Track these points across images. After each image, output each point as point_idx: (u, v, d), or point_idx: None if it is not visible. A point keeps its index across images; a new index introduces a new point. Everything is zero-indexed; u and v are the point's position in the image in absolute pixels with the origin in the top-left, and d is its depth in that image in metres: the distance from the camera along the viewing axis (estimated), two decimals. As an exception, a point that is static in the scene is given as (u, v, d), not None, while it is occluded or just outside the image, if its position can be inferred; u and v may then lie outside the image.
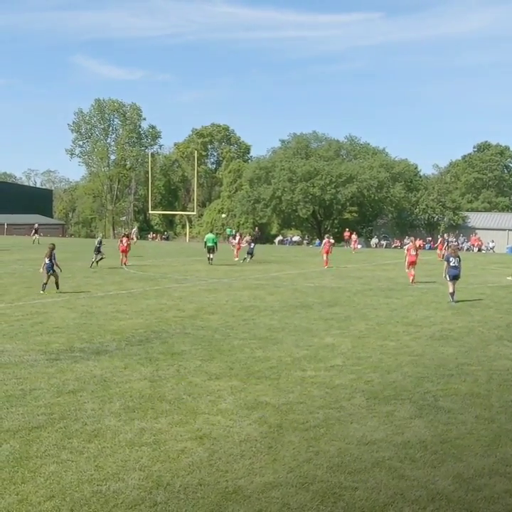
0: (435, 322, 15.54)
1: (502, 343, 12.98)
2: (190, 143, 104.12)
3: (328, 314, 16.46)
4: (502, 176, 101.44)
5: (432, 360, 11.20)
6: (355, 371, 10.34)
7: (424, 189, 78.54)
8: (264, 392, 8.99)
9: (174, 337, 12.96)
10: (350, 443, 7.01)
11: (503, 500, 5.61)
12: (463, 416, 8.04)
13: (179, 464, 6.33)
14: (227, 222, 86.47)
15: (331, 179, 73.51)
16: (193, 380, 9.64)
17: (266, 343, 12.48)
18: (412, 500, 5.58)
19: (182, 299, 19.16)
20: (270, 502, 5.53)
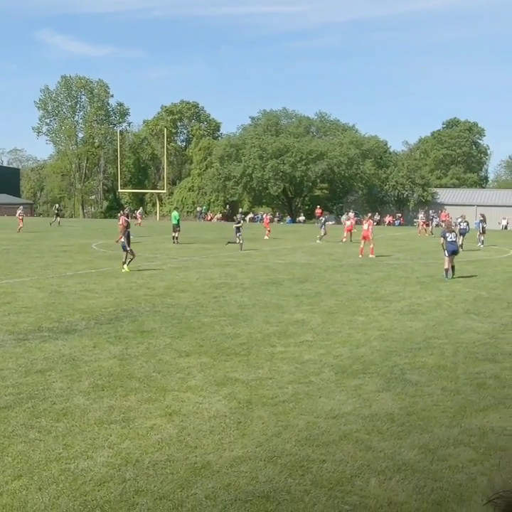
0: (404, 297, 15.71)
1: (469, 316, 13.18)
2: (159, 120, 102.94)
3: (299, 290, 16.54)
4: (470, 152, 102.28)
5: (400, 335, 11.34)
6: (324, 346, 10.42)
7: (394, 166, 78.91)
8: (233, 369, 9.02)
9: (144, 315, 12.92)
10: (319, 416, 7.09)
11: (466, 469, 5.73)
12: (429, 388, 8.16)
13: (148, 441, 6.34)
14: (198, 200, 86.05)
15: (301, 156, 73.44)
16: (162, 357, 9.63)
17: (236, 320, 12.50)
18: (378, 471, 5.67)
19: (152, 277, 19.08)
20: (239, 476, 5.57)
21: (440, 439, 6.42)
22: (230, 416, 7.09)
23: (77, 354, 9.77)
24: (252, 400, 7.63)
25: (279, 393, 7.92)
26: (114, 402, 7.55)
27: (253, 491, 5.30)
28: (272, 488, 5.35)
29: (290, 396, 7.80)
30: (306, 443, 6.32)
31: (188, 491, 5.27)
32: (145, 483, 5.43)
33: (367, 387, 8.21)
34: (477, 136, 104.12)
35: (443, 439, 6.42)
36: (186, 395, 7.84)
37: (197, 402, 7.54)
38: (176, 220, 34.01)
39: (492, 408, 7.39)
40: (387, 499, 5.15)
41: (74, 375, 8.67)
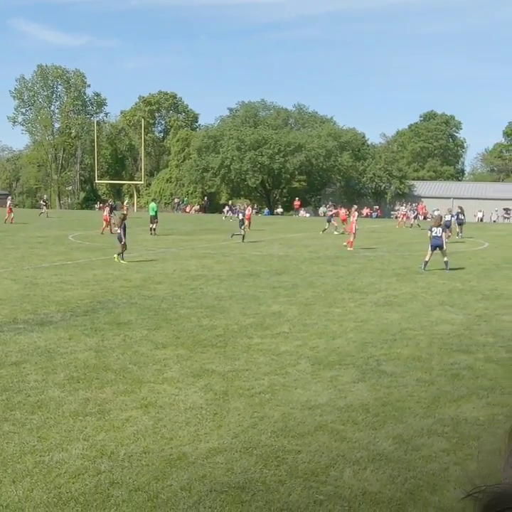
0: (380, 289, 15.81)
1: (444, 308, 13.30)
2: (136, 111, 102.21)
3: (276, 282, 16.57)
4: (447, 145, 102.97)
5: (375, 326, 11.42)
6: (300, 338, 10.46)
7: (372, 158, 79.22)
8: (210, 360, 9.03)
9: (120, 307, 12.86)
10: (295, 408, 7.12)
11: (440, 459, 5.80)
12: (404, 379, 8.23)
13: (124, 433, 6.33)
14: (176, 191, 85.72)
15: (279, 148, 73.43)
16: (138, 349, 9.60)
17: (213, 312, 12.49)
18: (353, 462, 5.72)
19: (129, 268, 18.99)
20: (214, 467, 5.59)
21: (414, 429, 6.49)
22: (206, 407, 7.09)
23: (53, 346, 9.70)
24: (229, 392, 7.64)
25: (255, 384, 7.94)
26: (90, 394, 7.52)
27: (228, 481, 5.32)
28: (247, 478, 5.37)
29: (266, 387, 7.83)
30: (281, 434, 6.35)
31: (163, 483, 5.28)
32: (120, 475, 5.42)
33: (342, 378, 8.27)
34: (454, 130, 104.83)
35: (417, 429, 6.49)
36: (162, 386, 7.83)
37: (173, 394, 7.54)
38: (153, 211, 33.86)
39: (465, 398, 7.47)
40: (362, 489, 5.20)
41: (49, 367, 8.61)
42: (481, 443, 6.15)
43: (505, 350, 9.72)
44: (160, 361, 8.96)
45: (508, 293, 15.34)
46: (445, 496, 5.09)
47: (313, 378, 8.25)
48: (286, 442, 6.14)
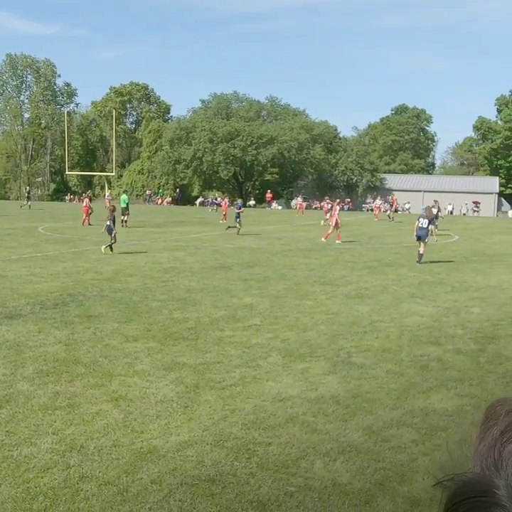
0: (351, 281, 15.91)
1: (414, 300, 13.43)
2: (108, 102, 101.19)
3: (248, 275, 16.57)
4: (418, 138, 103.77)
5: (346, 318, 11.49)
6: (272, 330, 10.48)
7: (344, 151, 79.58)
8: (181, 353, 9.00)
9: (91, 300, 12.76)
10: (266, 400, 7.14)
11: (408, 449, 5.86)
12: (374, 371, 8.30)
13: (94, 427, 6.28)
14: (148, 183, 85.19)
15: (251, 140, 73.37)
16: (109, 342, 9.53)
17: (184, 304, 12.46)
18: (323, 453, 5.75)
19: (100, 261, 18.84)
20: (185, 460, 5.58)
21: (384, 421, 6.55)
22: (177, 400, 7.07)
23: (22, 339, 9.59)
24: (200, 384, 7.63)
25: (226, 377, 7.94)
26: (59, 387, 7.45)
27: (199, 474, 5.31)
28: (218, 471, 5.37)
29: (237, 380, 7.83)
30: (252, 426, 6.36)
31: (133, 476, 5.25)
32: (90, 468, 5.38)
33: (313, 370, 8.30)
34: (425, 123, 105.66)
35: (386, 421, 6.55)
36: (133, 379, 7.79)
37: (144, 387, 7.50)
38: (124, 203, 33.66)
39: (434, 390, 7.56)
40: (332, 480, 5.23)
41: (18, 360, 8.51)
42: (448, 433, 6.23)
43: (474, 342, 9.85)
44: (131, 354, 8.91)
45: (476, 285, 15.55)
46: (414, 486, 5.14)
47: (284, 370, 8.27)
48: (257, 434, 6.15)
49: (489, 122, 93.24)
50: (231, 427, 6.34)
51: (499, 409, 0.66)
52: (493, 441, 0.63)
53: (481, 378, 8.04)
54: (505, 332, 10.58)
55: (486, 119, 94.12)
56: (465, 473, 0.64)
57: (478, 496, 0.60)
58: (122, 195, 36.28)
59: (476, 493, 0.61)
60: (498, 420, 0.65)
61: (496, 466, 0.61)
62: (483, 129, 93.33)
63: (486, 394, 7.42)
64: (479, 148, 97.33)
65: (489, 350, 9.40)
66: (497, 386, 7.74)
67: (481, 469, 0.63)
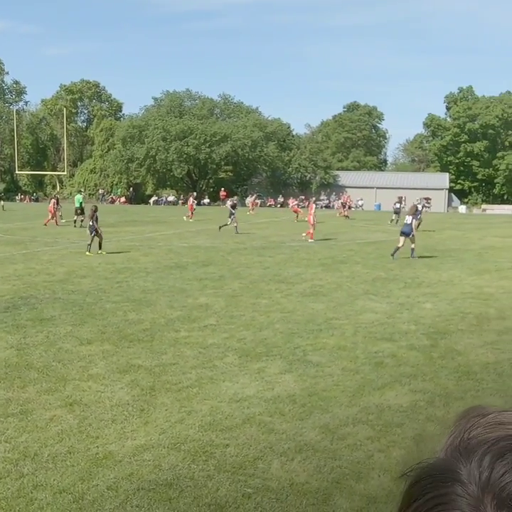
0: (306, 279, 16.00)
1: (368, 297, 13.58)
2: (58, 99, 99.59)
3: (203, 274, 16.52)
4: (370, 135, 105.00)
5: (302, 316, 11.54)
6: (228, 330, 10.47)
7: (297, 148, 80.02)
8: (136, 355, 8.91)
9: (43, 302, 12.54)
10: (222, 401, 7.12)
11: (364, 446, 5.92)
12: (330, 369, 8.36)
13: (48, 433, 6.17)
14: (100, 182, 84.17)
15: (205, 138, 73.20)
16: (63, 346, 9.38)
17: (139, 306, 12.34)
18: (280, 453, 5.77)
19: (52, 262, 18.53)
20: (141, 465, 5.52)
21: (340, 419, 6.60)
22: (133, 404, 7.00)
23: (-28, 345, 9.36)
24: (156, 387, 7.57)
25: (182, 379, 7.89)
26: (12, 394, 7.29)
27: (156, 479, 5.27)
28: (175, 475, 5.33)
29: (194, 381, 7.80)
30: (209, 428, 6.34)
31: (89, 483, 5.18)
32: (44, 477, 5.29)
33: (270, 369, 8.32)
34: (376, 120, 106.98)
35: (342, 419, 6.60)
36: (88, 384, 7.68)
37: (99, 391, 7.40)
38: (78, 203, 33.29)
39: (389, 386, 7.66)
40: (289, 480, 5.25)
41: (-32, 367, 8.31)
42: (403, 429, 6.32)
43: (427, 338, 10.02)
44: (85, 358, 8.79)
45: (428, 281, 15.81)
46: (370, 484, 5.20)
47: (240, 370, 8.27)
48: (214, 436, 6.13)
49: (439, 119, 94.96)
50: (188, 429, 6.31)
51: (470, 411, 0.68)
52: (459, 432, 0.65)
53: (434, 373, 8.18)
54: (457, 327, 10.79)
55: (436, 116, 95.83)
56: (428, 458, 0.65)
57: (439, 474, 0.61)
58: (77, 195, 35.80)
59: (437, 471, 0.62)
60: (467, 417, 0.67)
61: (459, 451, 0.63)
62: (433, 126, 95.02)
63: (439, 389, 7.55)
64: (429, 145, 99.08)
65: (441, 346, 9.57)
66: (450, 381, 7.89)
67: (444, 455, 0.64)
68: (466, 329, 10.66)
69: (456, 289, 14.71)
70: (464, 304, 12.87)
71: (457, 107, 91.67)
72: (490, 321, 11.34)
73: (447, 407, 6.95)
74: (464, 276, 16.74)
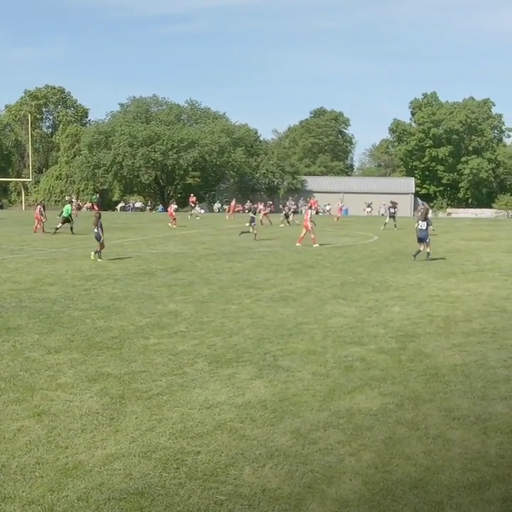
0: (275, 284, 16.03)
1: (337, 301, 13.66)
2: (22, 105, 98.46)
3: (172, 280, 16.44)
4: (337, 141, 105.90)
5: (272, 321, 11.56)
6: (198, 336, 10.43)
7: (265, 154, 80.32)
8: (105, 363, 8.83)
9: (9, 311, 12.35)
10: (193, 408, 7.09)
11: (336, 450, 5.94)
12: (300, 373, 8.38)
13: (15, 444, 6.07)
14: (66, 188, 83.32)
15: (172, 144, 73.01)
16: (30, 355, 9.25)
17: (108, 313, 12.23)
18: (252, 459, 5.76)
19: (18, 270, 18.27)
20: (112, 474, 5.47)
21: (311, 423, 6.62)
22: (103, 412, 6.93)
23: None
24: (125, 395, 7.51)
25: (152, 386, 7.84)
26: (-22, 405, 7.17)
27: (127, 488, 5.22)
28: (146, 483, 5.29)
29: (164, 388, 7.75)
30: (180, 435, 6.30)
31: (58, 494, 5.11)
32: (12, 488, 5.20)
33: (240, 375, 8.31)
34: (343, 126, 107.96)
35: (313, 423, 6.62)
36: (56, 393, 7.58)
37: (67, 400, 7.31)
38: (67, 213, 33.26)
39: (359, 390, 7.70)
40: (261, 486, 5.25)
41: None
42: (373, 432, 6.36)
43: (395, 341, 10.10)
44: (53, 366, 8.67)
45: (396, 284, 15.96)
46: (342, 488, 5.22)
47: (211, 377, 8.24)
48: (186, 444, 6.10)
49: (404, 125, 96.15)
50: (159, 437, 6.27)
51: None
52: None
53: (403, 376, 8.25)
54: (425, 330, 10.91)
55: (401, 121, 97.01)
56: None
57: None
58: (66, 205, 35.63)
59: None
60: None
61: None
62: (399, 131, 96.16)
63: (408, 392, 7.62)
64: (395, 150, 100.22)
65: (410, 348, 9.67)
66: (418, 383, 7.96)
67: None
68: (433, 332, 10.79)
69: (424, 292, 14.88)
70: (432, 306, 13.02)
71: (422, 112, 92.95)
72: (457, 323, 11.49)
73: (416, 410, 7.02)
74: (430, 279, 16.94)
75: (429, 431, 6.43)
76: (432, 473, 5.50)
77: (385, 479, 5.38)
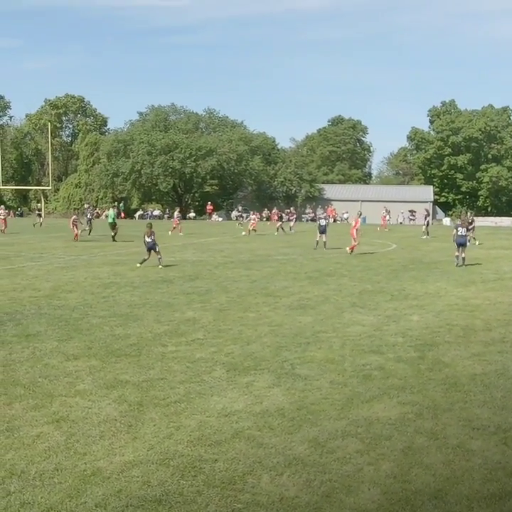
0: (293, 292, 16.00)
1: (355, 309, 13.60)
2: (43, 114, 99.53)
3: (190, 288, 16.47)
4: (355, 149, 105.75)
5: (289, 330, 11.53)
6: (215, 344, 10.43)
7: (282, 162, 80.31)
8: (124, 371, 8.86)
9: (29, 318, 12.44)
10: (211, 416, 7.09)
11: (354, 460, 5.90)
12: (318, 382, 8.35)
13: (34, 450, 6.11)
14: (85, 196, 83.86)
15: (190, 152, 73.29)
16: (49, 361, 9.30)
17: (126, 320, 12.28)
18: (270, 468, 5.74)
19: (38, 277, 18.42)
20: (130, 481, 5.48)
21: (329, 432, 6.59)
22: (121, 419, 6.95)
23: (-43, 362, 9.26)
24: (143, 402, 7.52)
25: (170, 393, 7.85)
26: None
27: (145, 495, 5.22)
28: (164, 491, 5.29)
29: (182, 396, 7.76)
30: (198, 443, 6.30)
31: (77, 500, 5.12)
32: (31, 494, 5.23)
33: (258, 383, 8.30)
34: (361, 134, 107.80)
35: (331, 432, 6.59)
36: (74, 400, 7.62)
37: (86, 407, 7.34)
38: (111, 218, 33.54)
39: (377, 399, 7.66)
40: (279, 495, 5.23)
41: (-47, 384, 8.21)
42: (392, 442, 6.31)
43: (414, 350, 10.04)
44: (72, 373, 8.72)
45: (415, 293, 15.87)
46: (360, 497, 5.19)
47: (228, 385, 8.24)
48: (203, 451, 6.10)
49: (422, 133, 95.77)
50: (176, 444, 6.27)
51: None
52: None
53: (421, 385, 8.19)
54: (444, 339, 10.83)
55: (419, 129, 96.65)
56: None
57: None
58: (110, 210, 35.97)
59: None
60: None
61: None
62: (417, 139, 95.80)
63: (427, 401, 7.56)
64: (413, 158, 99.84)
65: (429, 357, 9.60)
66: (437, 393, 7.90)
67: None
68: (453, 341, 10.70)
69: (443, 300, 14.78)
70: (451, 315, 12.93)
71: (440, 120, 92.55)
72: (476, 332, 11.40)
73: (435, 419, 6.96)
74: (450, 288, 16.83)
75: (448, 441, 6.37)
76: (451, 484, 5.45)
77: (404, 489, 5.33)
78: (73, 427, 6.73)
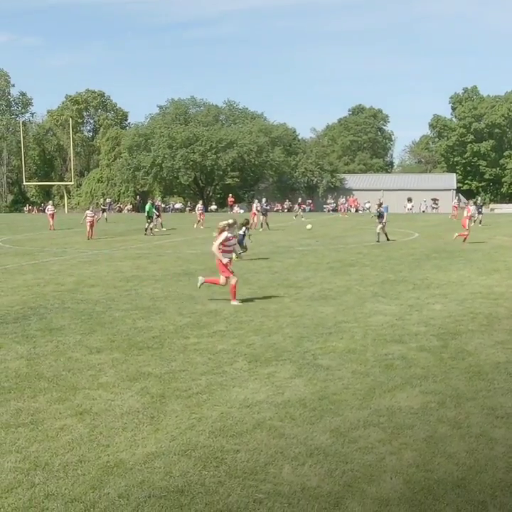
0: (315, 283, 15.96)
1: (377, 299, 13.53)
2: (64, 110, 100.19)
3: (211, 280, 16.47)
4: (376, 138, 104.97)
5: (311, 320, 11.51)
6: (237, 335, 10.45)
7: (303, 153, 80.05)
8: (146, 363, 8.91)
9: (53, 312, 12.56)
10: (233, 406, 7.10)
11: (376, 449, 5.88)
12: (340, 372, 8.33)
13: (58, 443, 6.17)
14: (108, 191, 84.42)
15: (211, 145, 73.31)
16: (72, 355, 9.39)
17: (148, 313, 12.35)
18: (291, 458, 5.74)
19: (61, 272, 18.58)
20: (152, 472, 5.51)
21: (351, 422, 6.57)
22: (143, 411, 7.00)
23: (-18, 356, 9.38)
24: (165, 394, 7.56)
25: (192, 385, 7.88)
26: (22, 404, 7.30)
27: (167, 486, 5.26)
28: (186, 481, 5.32)
29: (204, 387, 7.78)
30: (220, 434, 6.32)
31: (100, 491, 5.17)
32: (55, 486, 5.29)
33: (280, 374, 8.30)
34: (382, 123, 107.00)
35: (353, 422, 6.57)
36: (98, 392, 7.68)
37: (109, 399, 7.40)
38: (149, 210, 33.66)
39: (399, 388, 7.62)
40: (301, 485, 5.23)
41: (-22, 378, 8.32)
42: (414, 431, 6.28)
43: (437, 339, 9.97)
44: (95, 366, 8.79)
45: (437, 282, 15.75)
46: (382, 486, 5.17)
47: (250, 376, 8.25)
48: (225, 442, 6.12)
49: (444, 120, 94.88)
50: (198, 435, 6.30)
51: None
52: None
53: (444, 374, 8.13)
54: (467, 327, 10.74)
55: (441, 116, 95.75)
56: None
57: None
58: (147, 204, 36.20)
59: None
60: None
61: None
62: (439, 126, 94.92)
63: (450, 390, 7.51)
64: (436, 146, 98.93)
65: (452, 346, 9.52)
66: (460, 381, 7.84)
67: None
68: (476, 329, 10.61)
69: (466, 289, 14.64)
70: (474, 304, 12.81)
71: (462, 107, 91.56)
72: (500, 320, 11.28)
73: (458, 408, 6.91)
74: (473, 276, 16.67)
75: (471, 429, 6.32)
76: (474, 473, 5.41)
77: (427, 478, 5.30)
78: (96, 419, 6.79)
